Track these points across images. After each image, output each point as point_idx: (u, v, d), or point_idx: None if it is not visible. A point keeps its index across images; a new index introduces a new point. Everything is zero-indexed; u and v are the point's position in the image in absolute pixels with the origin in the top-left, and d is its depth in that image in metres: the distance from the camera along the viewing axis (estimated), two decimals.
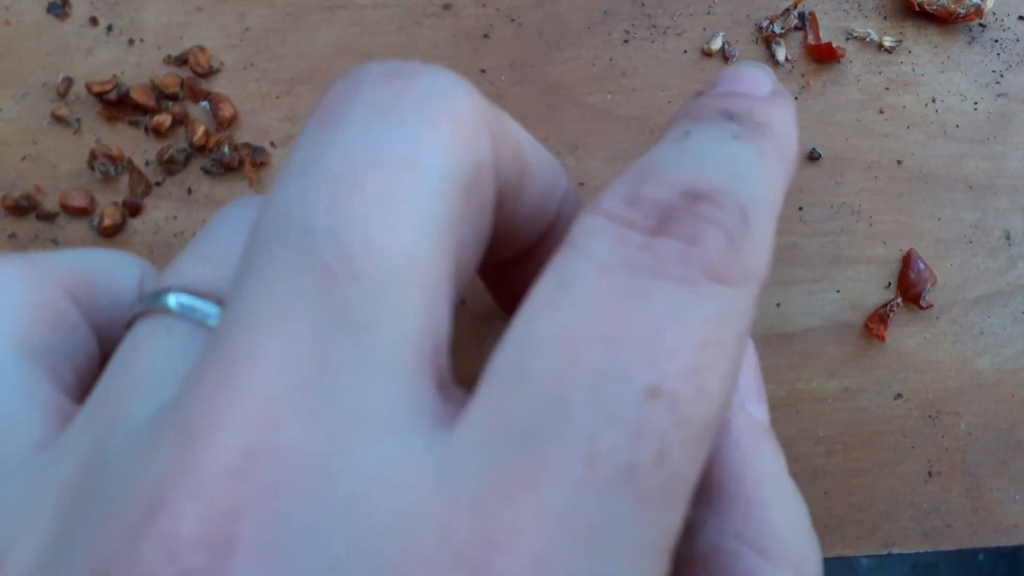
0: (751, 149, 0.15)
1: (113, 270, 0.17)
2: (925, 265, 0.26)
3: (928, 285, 0.25)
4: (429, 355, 0.13)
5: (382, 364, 0.12)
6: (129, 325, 0.15)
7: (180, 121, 0.26)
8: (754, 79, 0.18)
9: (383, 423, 0.12)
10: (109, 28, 0.27)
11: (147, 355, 0.14)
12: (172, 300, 0.14)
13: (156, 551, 0.11)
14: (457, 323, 0.15)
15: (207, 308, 0.14)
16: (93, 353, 0.17)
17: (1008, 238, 0.26)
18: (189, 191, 0.26)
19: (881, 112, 0.27)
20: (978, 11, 0.26)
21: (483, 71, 0.26)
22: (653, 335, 0.12)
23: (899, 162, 0.26)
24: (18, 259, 0.16)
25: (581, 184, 0.26)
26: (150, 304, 0.14)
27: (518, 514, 0.11)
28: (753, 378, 0.18)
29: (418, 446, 0.12)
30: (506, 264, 0.19)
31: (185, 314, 0.14)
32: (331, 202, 0.12)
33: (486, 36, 0.27)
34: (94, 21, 0.27)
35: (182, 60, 0.26)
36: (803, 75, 0.27)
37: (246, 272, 0.13)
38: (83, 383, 0.16)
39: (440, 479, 0.12)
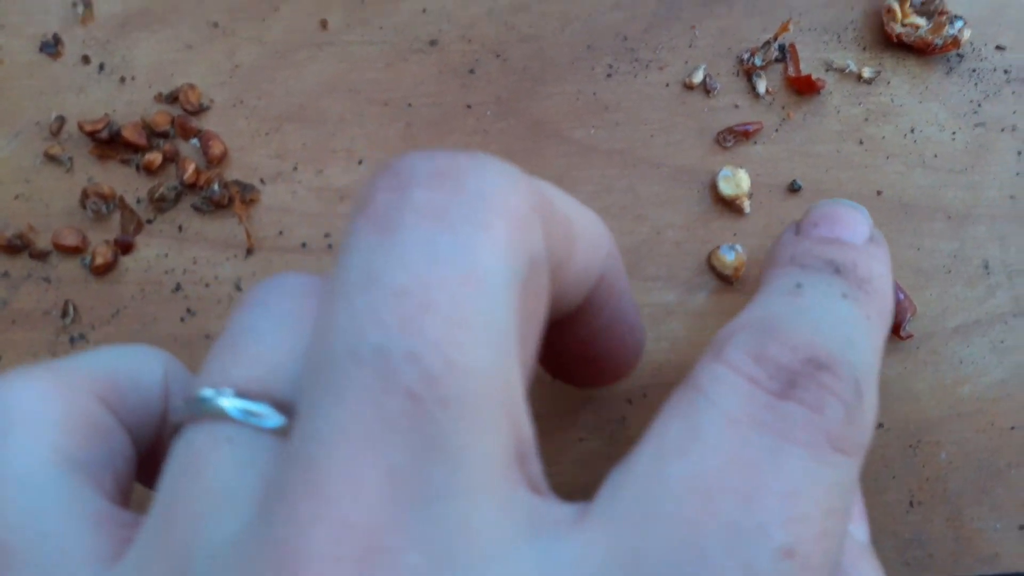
0: (859, 312, 0.17)
1: (137, 367, 0.17)
2: (905, 295, 0.26)
3: (908, 315, 0.26)
4: (520, 465, 0.13)
5: (480, 485, 0.12)
6: (177, 430, 0.14)
7: (171, 159, 0.26)
8: (853, 222, 0.19)
9: (491, 544, 0.12)
10: (101, 67, 0.27)
11: (214, 470, 0.13)
12: (228, 405, 0.14)
13: None
14: None
15: (263, 410, 0.14)
16: (130, 456, 0.16)
17: (986, 267, 0.26)
18: (180, 228, 0.26)
19: (861, 143, 0.27)
20: (955, 42, 0.27)
21: (469, 106, 0.27)
22: (788, 497, 0.13)
23: (879, 193, 0.27)
24: (46, 371, 0.16)
25: None
26: (201, 409, 0.14)
27: None
28: (858, 502, 0.20)
29: (529, 564, 0.12)
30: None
31: (244, 420, 0.14)
32: (403, 322, 0.12)
33: (472, 72, 0.27)
34: (86, 60, 0.27)
35: (173, 98, 0.27)
36: (783, 107, 0.27)
37: (320, 391, 0.13)
38: (123, 487, 0.16)
39: None
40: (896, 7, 0.27)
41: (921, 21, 0.27)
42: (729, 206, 0.26)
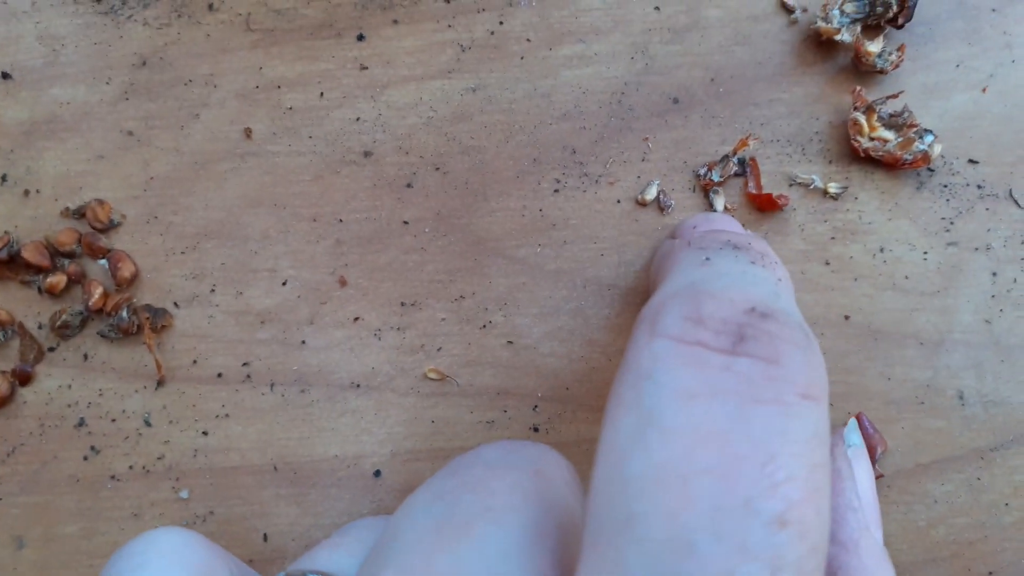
0: (771, 275, 0.16)
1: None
2: (875, 430, 0.24)
3: (878, 452, 0.24)
4: None
5: None
6: None
7: (76, 281, 0.24)
8: (727, 219, 0.20)
9: None
10: (3, 178, 0.25)
11: None
12: None
13: None
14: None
15: None
16: None
17: (961, 398, 0.24)
18: (85, 357, 0.24)
19: (827, 263, 0.25)
20: (925, 157, 0.25)
21: (405, 222, 0.25)
22: (766, 461, 0.12)
23: (846, 317, 0.25)
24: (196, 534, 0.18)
25: (510, 343, 0.24)
26: None
27: None
28: (877, 505, 0.19)
29: None
30: None
31: None
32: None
33: (409, 185, 0.25)
34: None
35: (80, 213, 0.24)
36: (744, 225, 0.25)
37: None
38: None
39: None
40: (862, 120, 0.25)
41: (889, 135, 0.25)
42: None
